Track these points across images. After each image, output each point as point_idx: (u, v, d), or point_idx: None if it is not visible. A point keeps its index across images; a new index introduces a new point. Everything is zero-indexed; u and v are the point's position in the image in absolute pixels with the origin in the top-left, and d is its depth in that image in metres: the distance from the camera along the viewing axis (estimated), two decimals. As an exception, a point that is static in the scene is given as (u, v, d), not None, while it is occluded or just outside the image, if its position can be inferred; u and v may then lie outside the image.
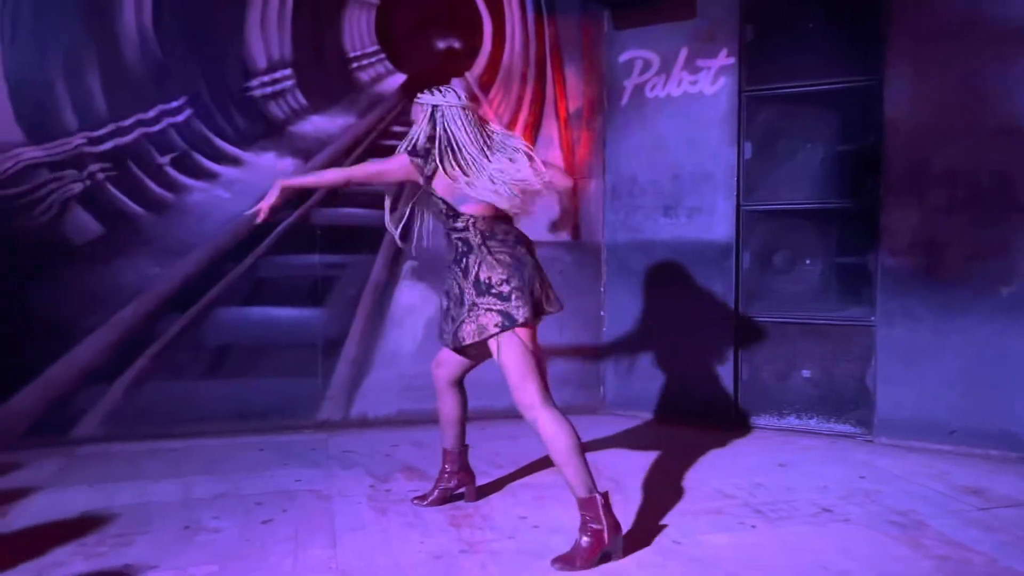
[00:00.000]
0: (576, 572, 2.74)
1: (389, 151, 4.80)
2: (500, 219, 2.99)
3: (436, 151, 2.91)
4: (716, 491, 3.56)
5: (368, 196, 4.77)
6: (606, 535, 2.76)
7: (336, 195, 4.69)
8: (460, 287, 2.97)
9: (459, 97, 2.95)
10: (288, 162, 4.64)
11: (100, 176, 4.35)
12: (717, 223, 4.73)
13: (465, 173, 2.88)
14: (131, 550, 2.91)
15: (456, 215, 2.97)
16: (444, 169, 2.90)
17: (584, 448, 2.83)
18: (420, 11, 4.89)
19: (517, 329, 2.85)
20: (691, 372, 4.83)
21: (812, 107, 4.53)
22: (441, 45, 4.95)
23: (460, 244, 2.99)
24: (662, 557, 2.86)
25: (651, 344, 4.94)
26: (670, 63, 4.85)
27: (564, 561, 2.77)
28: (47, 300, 4.26)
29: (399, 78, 4.85)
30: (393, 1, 4.82)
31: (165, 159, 4.45)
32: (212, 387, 4.52)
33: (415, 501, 3.43)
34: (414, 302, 4.81)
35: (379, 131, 4.81)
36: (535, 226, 4.99)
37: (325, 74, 4.72)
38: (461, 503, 3.42)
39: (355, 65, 4.78)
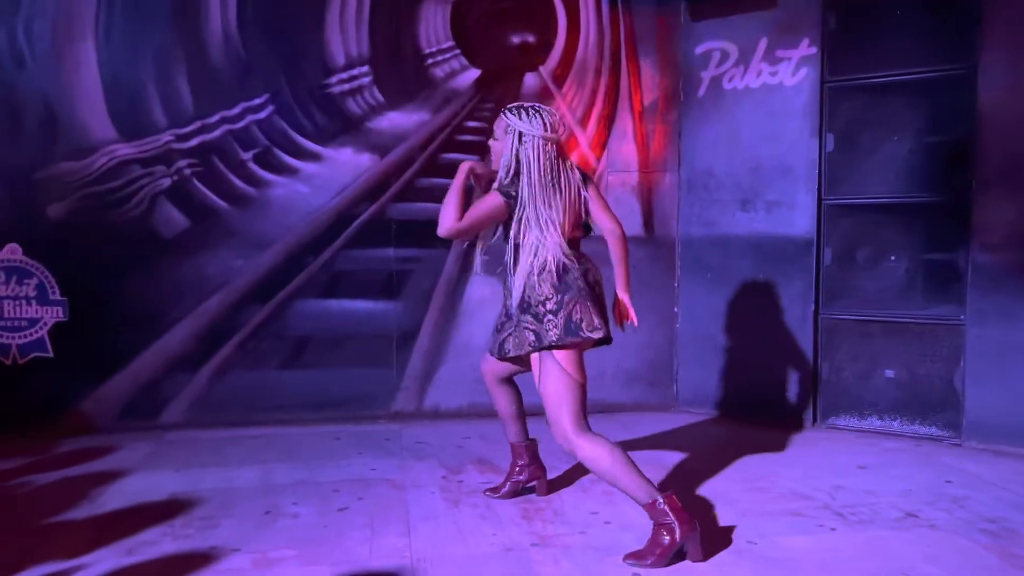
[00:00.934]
0: (649, 569, 2.72)
1: (463, 146, 4.93)
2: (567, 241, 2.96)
3: (510, 176, 2.94)
4: (793, 492, 3.48)
5: (441, 191, 4.80)
6: (678, 533, 2.73)
7: (411, 190, 4.76)
8: (506, 301, 3.04)
9: (545, 127, 2.94)
10: (365, 157, 4.73)
11: (187, 171, 4.51)
12: (797, 218, 4.61)
13: (532, 201, 2.88)
14: (216, 532, 3.02)
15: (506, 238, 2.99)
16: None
17: (631, 455, 2.80)
18: (495, 5, 4.90)
19: (556, 353, 2.83)
20: (768, 370, 4.72)
21: (898, 97, 4.37)
22: (515, 39, 4.96)
23: (513, 259, 2.97)
24: (736, 557, 2.81)
25: (727, 341, 4.86)
26: (749, 54, 4.74)
27: (637, 557, 2.76)
28: (138, 291, 4.44)
29: (473, 73, 4.88)
30: (468, -4, 4.85)
31: (248, 155, 4.59)
32: (291, 377, 4.65)
33: (487, 493, 3.47)
34: (485, 295, 4.83)
35: (453, 127, 4.85)
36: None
37: (401, 70, 4.79)
38: (533, 497, 3.43)
39: (430, 61, 4.83)
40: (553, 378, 2.83)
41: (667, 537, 2.72)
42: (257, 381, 4.61)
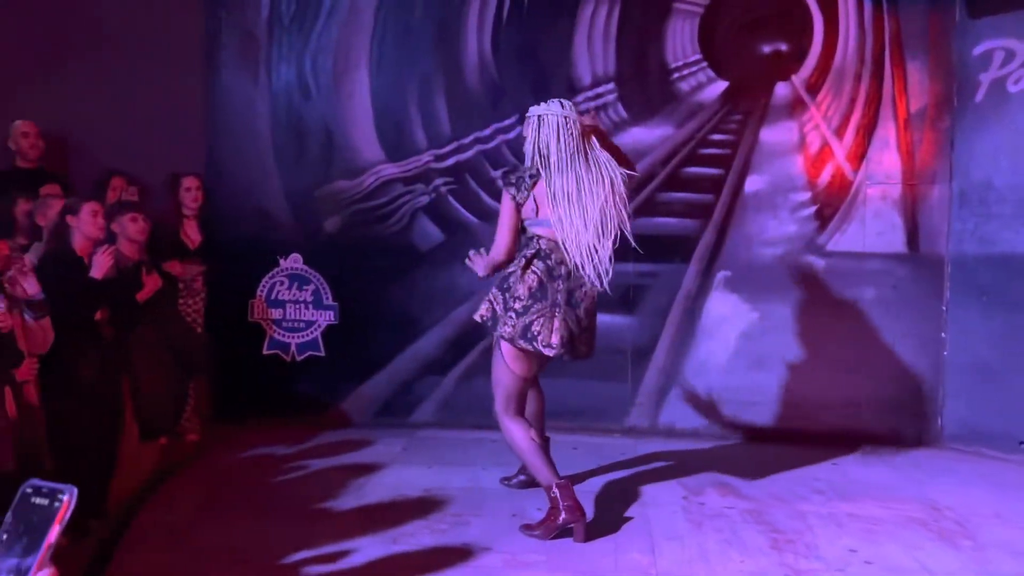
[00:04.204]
0: (536, 538, 2.99)
1: (707, 160, 4.83)
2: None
3: (534, 158, 3.09)
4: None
5: (682, 206, 4.78)
6: (562, 517, 3.02)
7: (651, 205, 4.74)
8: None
9: (563, 107, 3.11)
10: (607, 173, 4.78)
11: (443, 189, 4.84)
12: (1097, 236, 4.01)
13: (550, 179, 3.02)
14: (467, 530, 3.21)
15: (523, 230, 3.18)
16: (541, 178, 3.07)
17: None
18: (746, 14, 4.75)
19: (504, 344, 3.11)
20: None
21: None
22: (766, 49, 4.78)
23: (519, 255, 3.18)
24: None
25: (1007, 372, 4.32)
26: (1040, 51, 4.20)
27: (528, 528, 3.09)
28: (397, 298, 4.84)
29: (720, 85, 4.77)
30: (718, 7, 4.75)
31: (497, 173, 4.82)
32: (530, 385, 4.81)
33: (502, 481, 3.65)
34: (726, 313, 4.69)
35: (697, 140, 4.77)
36: (864, 235, 4.63)
37: (646, 86, 4.80)
38: (783, 527, 3.27)
39: (676, 75, 4.79)
40: (498, 363, 3.18)
41: (557, 517, 3.03)
42: (499, 387, 4.82)
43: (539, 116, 3.13)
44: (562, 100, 3.17)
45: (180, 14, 4.80)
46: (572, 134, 3.07)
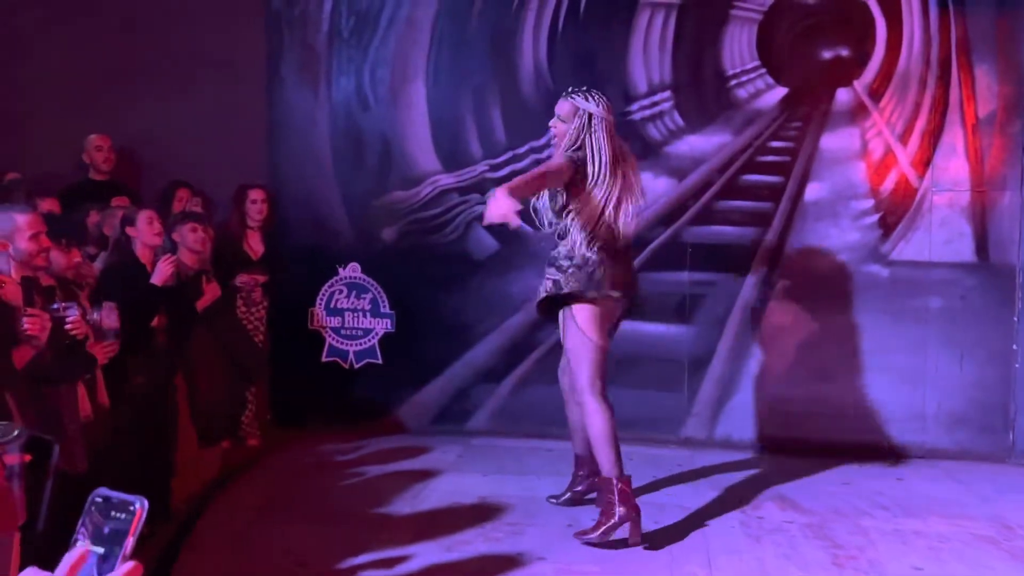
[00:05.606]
0: (591, 542, 2.98)
1: (765, 167, 4.76)
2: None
3: (587, 157, 3.15)
4: None
5: (740, 214, 4.71)
6: (618, 513, 3.05)
7: (708, 213, 4.69)
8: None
9: (607, 109, 3.24)
10: (662, 181, 4.75)
11: (498, 198, 4.87)
12: None
13: (595, 181, 3.15)
14: (522, 539, 3.21)
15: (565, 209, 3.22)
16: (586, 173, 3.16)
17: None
18: (807, 20, 4.67)
19: (577, 311, 3.22)
20: None
21: None
22: (827, 54, 4.69)
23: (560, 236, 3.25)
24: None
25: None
26: (1117, 51, 4.04)
27: (583, 533, 3.08)
28: (452, 307, 4.87)
29: (778, 92, 4.70)
30: (777, 13, 4.68)
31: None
32: (585, 395, 4.79)
33: (550, 499, 3.58)
34: (785, 323, 4.61)
35: (755, 147, 4.70)
36: (931, 244, 4.51)
37: (702, 94, 4.75)
38: (843, 542, 3.20)
39: (733, 83, 4.73)
40: (574, 335, 3.22)
41: (613, 515, 3.04)
42: (552, 396, 4.80)
43: (590, 115, 3.21)
44: (602, 96, 3.29)
45: (244, 31, 4.94)
46: (613, 139, 3.25)
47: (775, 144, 4.69)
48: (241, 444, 4.40)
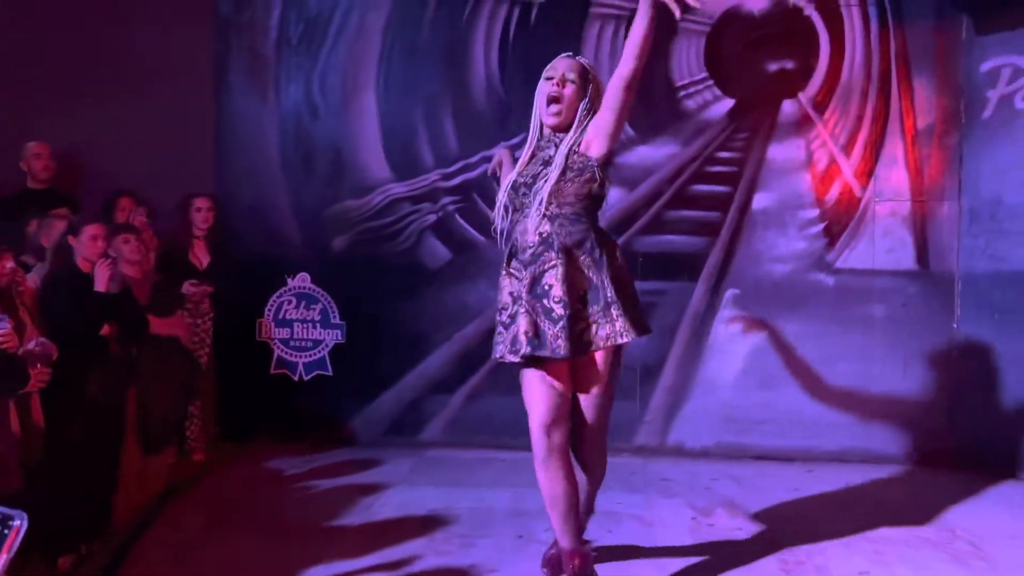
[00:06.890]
0: None
1: (714, 177, 4.82)
2: None
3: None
4: None
5: (689, 224, 4.77)
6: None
7: (658, 222, 4.74)
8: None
9: None
10: (614, 191, 4.73)
11: (450, 208, 4.85)
12: (1109, 252, 3.97)
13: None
14: (473, 552, 3.18)
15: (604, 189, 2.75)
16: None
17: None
18: (753, 33, 4.76)
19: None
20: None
21: None
22: (773, 67, 4.78)
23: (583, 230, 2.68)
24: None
25: (1019, 393, 4.27)
26: (1048, 68, 4.19)
27: None
28: (405, 317, 4.83)
29: (726, 103, 4.77)
30: (724, 26, 4.76)
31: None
32: (538, 404, 4.78)
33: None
34: (734, 331, 4.67)
35: (704, 158, 4.77)
36: (874, 253, 4.62)
37: (652, 104, 4.79)
38: (792, 547, 3.22)
39: (682, 94, 4.79)
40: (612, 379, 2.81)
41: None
42: (507, 406, 4.78)
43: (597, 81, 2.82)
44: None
45: (190, 36, 4.85)
46: None
47: (723, 154, 4.76)
48: (187, 458, 4.30)
